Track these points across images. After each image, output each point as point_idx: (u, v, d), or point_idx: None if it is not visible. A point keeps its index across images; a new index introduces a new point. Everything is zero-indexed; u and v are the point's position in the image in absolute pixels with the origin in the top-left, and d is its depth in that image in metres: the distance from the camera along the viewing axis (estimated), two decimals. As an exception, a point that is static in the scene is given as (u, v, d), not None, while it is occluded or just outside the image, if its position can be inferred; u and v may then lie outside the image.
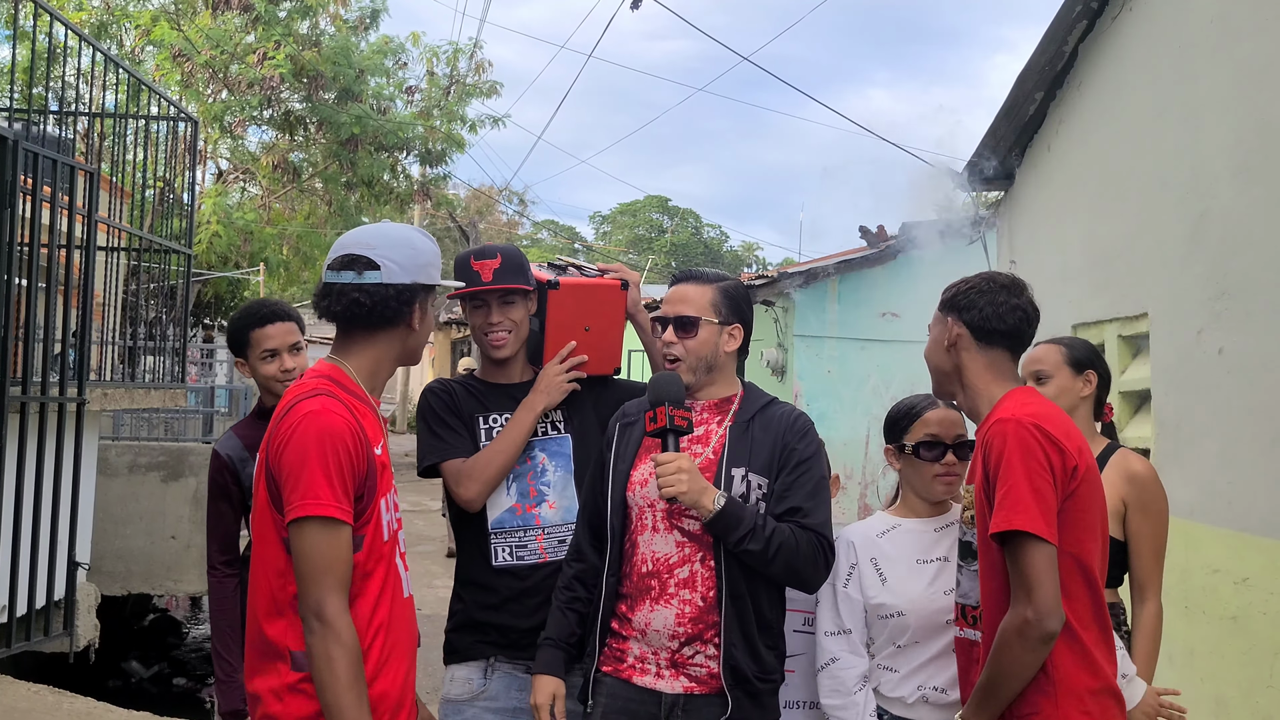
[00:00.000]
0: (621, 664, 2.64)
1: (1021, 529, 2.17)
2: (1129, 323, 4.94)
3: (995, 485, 2.24)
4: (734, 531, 2.53)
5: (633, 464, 2.71)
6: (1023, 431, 2.23)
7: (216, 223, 15.33)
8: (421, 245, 2.34)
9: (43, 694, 5.28)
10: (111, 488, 7.75)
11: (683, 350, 2.69)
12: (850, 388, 11.12)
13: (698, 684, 2.58)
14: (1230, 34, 4.23)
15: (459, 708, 2.91)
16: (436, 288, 2.37)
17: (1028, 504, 2.18)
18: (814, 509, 2.62)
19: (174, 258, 7.28)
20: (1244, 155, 4.09)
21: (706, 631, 2.58)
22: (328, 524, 2.08)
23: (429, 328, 2.40)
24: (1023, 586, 2.18)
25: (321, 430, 2.11)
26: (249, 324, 3.22)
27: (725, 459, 2.63)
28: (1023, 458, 2.21)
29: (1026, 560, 2.18)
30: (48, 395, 5.12)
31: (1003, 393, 2.42)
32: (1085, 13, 5.33)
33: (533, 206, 49.56)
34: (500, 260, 2.90)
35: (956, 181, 6.76)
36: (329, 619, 2.06)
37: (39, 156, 4.98)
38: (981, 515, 2.32)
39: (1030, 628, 2.16)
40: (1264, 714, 3.76)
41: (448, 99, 18.63)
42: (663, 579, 2.61)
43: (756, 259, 53.71)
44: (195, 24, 16.02)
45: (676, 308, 2.72)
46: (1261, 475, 3.87)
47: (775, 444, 2.65)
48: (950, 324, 2.47)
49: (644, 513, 2.66)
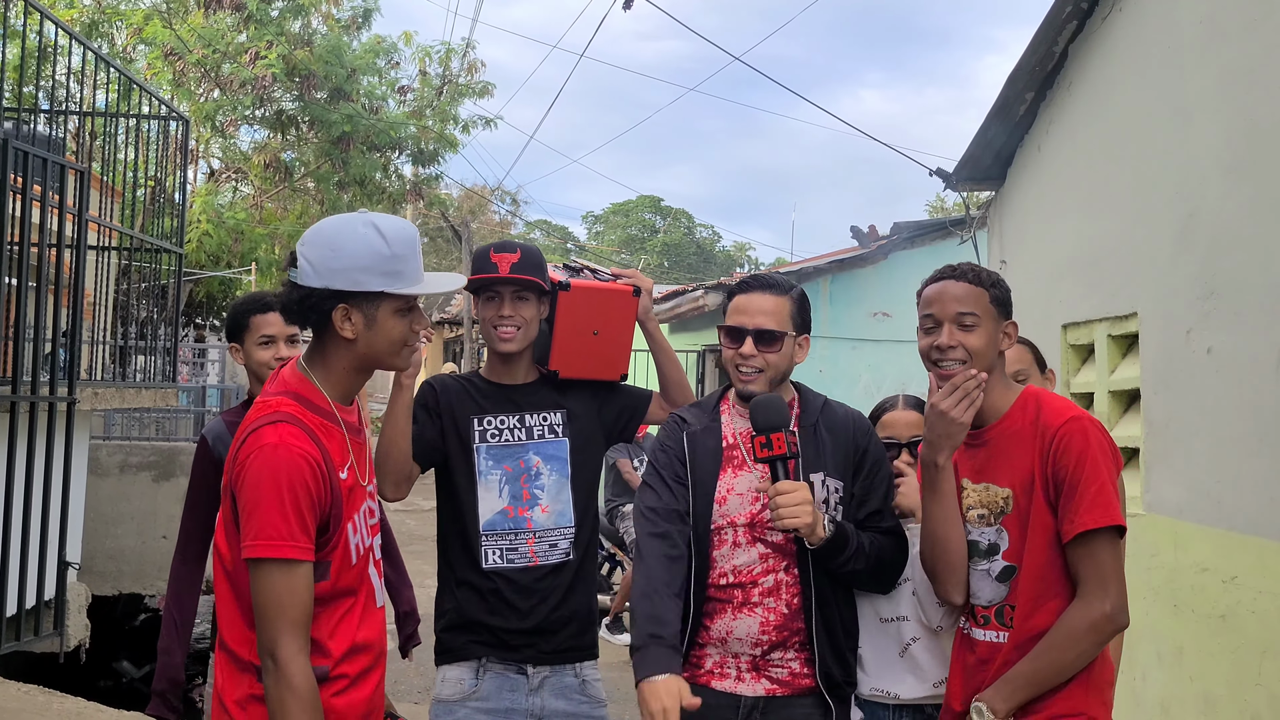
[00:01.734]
0: (699, 670, 2.62)
1: (1118, 523, 2.23)
2: (1118, 322, 4.95)
3: (1072, 483, 2.25)
4: (841, 554, 2.53)
5: (716, 478, 2.65)
6: (1099, 432, 2.29)
7: (207, 222, 15.31)
8: (348, 249, 2.09)
9: (33, 694, 5.26)
10: (102, 487, 7.74)
11: (763, 363, 2.63)
12: (842, 387, 11.12)
13: (780, 686, 2.58)
14: (1219, 35, 4.25)
15: (450, 708, 2.89)
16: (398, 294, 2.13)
17: (1116, 501, 2.24)
18: (889, 510, 2.68)
19: (165, 257, 7.27)
20: (1233, 155, 4.11)
21: (791, 639, 2.58)
22: (283, 565, 2.01)
23: (386, 337, 2.16)
24: (1100, 582, 2.23)
25: (279, 465, 2.02)
26: (251, 309, 3.23)
27: (801, 465, 2.59)
28: (1104, 456, 2.26)
29: (1109, 555, 2.24)
30: (38, 395, 5.11)
31: (1013, 394, 2.44)
32: (1075, 13, 5.34)
33: (525, 206, 49.46)
34: (520, 255, 2.90)
35: (947, 182, 6.77)
36: (282, 662, 2.01)
37: (29, 155, 4.97)
38: (1035, 514, 2.31)
39: (1108, 622, 2.22)
40: (1252, 712, 3.77)
41: (440, 99, 18.62)
42: (746, 589, 2.59)
43: (749, 259, 53.77)
44: (187, 23, 15.98)
45: (756, 320, 2.63)
46: (1250, 474, 3.88)
47: (846, 446, 2.65)
48: (1003, 326, 2.44)
49: (724, 529, 2.61)
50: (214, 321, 19.69)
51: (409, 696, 6.82)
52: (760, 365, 2.63)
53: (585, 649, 2.98)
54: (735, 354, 2.64)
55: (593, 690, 2.96)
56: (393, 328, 2.17)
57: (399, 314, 2.17)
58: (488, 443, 2.94)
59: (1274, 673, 3.69)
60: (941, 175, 6.78)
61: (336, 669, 2.15)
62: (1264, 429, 3.83)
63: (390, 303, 2.15)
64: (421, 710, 6.78)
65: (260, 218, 17.42)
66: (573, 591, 2.94)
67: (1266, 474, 3.79)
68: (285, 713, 2.00)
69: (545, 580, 2.88)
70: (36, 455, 5.08)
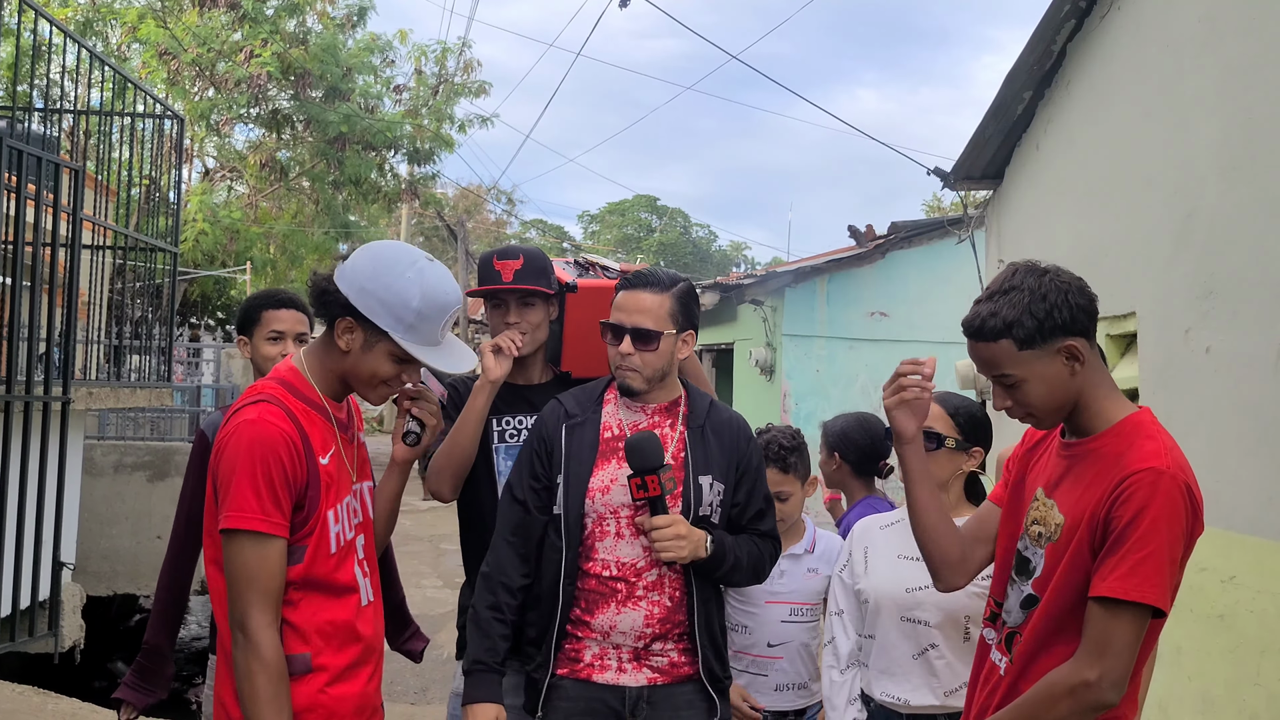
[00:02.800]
0: (578, 664, 2.63)
1: (1152, 604, 1.95)
2: (1117, 322, 4.95)
3: (1120, 537, 1.97)
4: (718, 570, 2.63)
5: (591, 469, 2.65)
6: (1175, 491, 1.98)
7: (202, 221, 15.29)
8: (384, 280, 2.15)
9: (28, 695, 5.25)
10: (97, 487, 7.72)
11: (640, 362, 2.63)
12: (839, 387, 11.13)
13: (660, 674, 2.62)
14: (1217, 33, 4.24)
15: None
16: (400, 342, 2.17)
17: (1163, 578, 1.96)
18: (767, 513, 2.75)
19: (160, 256, 7.25)
20: (1231, 154, 4.10)
21: (673, 630, 2.62)
22: (254, 537, 2.05)
23: (371, 369, 2.21)
24: (1099, 649, 1.97)
25: (253, 439, 2.07)
26: (264, 304, 3.25)
27: (690, 466, 2.64)
28: (1169, 523, 1.96)
29: (1125, 628, 1.96)
30: (32, 394, 5.09)
31: (1119, 409, 2.13)
32: (1074, 12, 5.34)
33: (521, 205, 49.45)
34: (523, 261, 2.90)
35: (945, 181, 6.77)
36: (250, 633, 2.04)
37: (24, 154, 4.95)
38: (1074, 552, 2.06)
39: (1089, 692, 1.96)
40: (1250, 711, 3.77)
41: (436, 98, 18.60)
42: (630, 582, 2.61)
43: (745, 258, 53.81)
44: (182, 21, 15.96)
45: (634, 318, 2.63)
46: (1248, 474, 3.88)
47: (731, 451, 2.69)
48: (1064, 349, 2.08)
49: (605, 519, 2.63)
50: (209, 321, 19.67)
51: (404, 697, 6.81)
52: (637, 364, 2.65)
53: None
54: (615, 352, 2.67)
55: None
56: (380, 365, 2.21)
57: (393, 359, 2.21)
58: (506, 443, 2.96)
59: (1272, 672, 3.69)
60: (939, 174, 6.78)
61: (318, 659, 2.15)
62: (1262, 428, 3.82)
63: (390, 345, 2.19)
64: (419, 710, 6.77)
65: (255, 217, 17.40)
66: None
67: (1265, 473, 3.79)
68: (252, 682, 2.02)
69: None
70: (31, 455, 5.06)
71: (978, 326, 2.11)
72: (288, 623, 2.13)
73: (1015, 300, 2.07)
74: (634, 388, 2.65)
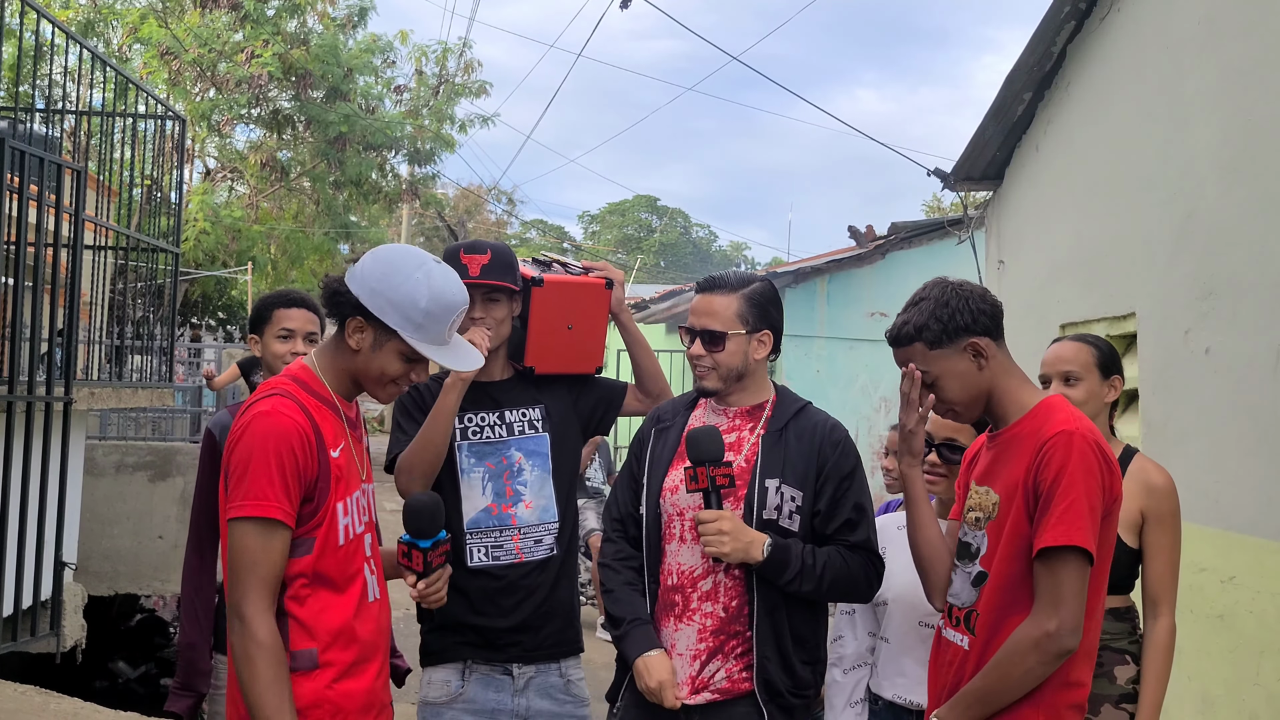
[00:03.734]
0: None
1: (1081, 545, 2.14)
2: (1116, 322, 4.96)
3: (1047, 496, 2.19)
4: (782, 575, 2.55)
5: (666, 470, 2.69)
6: (1086, 448, 2.19)
7: (203, 220, 15.30)
8: (394, 282, 2.21)
9: (29, 695, 5.25)
10: (98, 487, 7.72)
11: (712, 363, 2.66)
12: (839, 387, 11.13)
13: (720, 694, 2.59)
14: (1217, 35, 4.25)
15: (437, 710, 2.90)
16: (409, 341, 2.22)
17: (1086, 521, 2.15)
18: (859, 524, 2.63)
19: (161, 256, 7.25)
20: (1230, 156, 4.11)
21: (729, 643, 2.58)
22: (262, 524, 2.09)
23: (381, 368, 2.26)
24: (1053, 600, 2.16)
25: (267, 430, 2.12)
26: (276, 303, 3.30)
27: (758, 469, 2.61)
28: (1084, 474, 2.17)
29: (1068, 575, 2.16)
30: (34, 395, 5.10)
31: (1032, 396, 2.36)
32: (1074, 13, 5.35)
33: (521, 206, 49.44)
34: (490, 256, 2.89)
35: (945, 182, 6.77)
36: (246, 618, 2.07)
37: (26, 154, 4.96)
38: (1013, 523, 2.26)
39: (1050, 641, 2.15)
40: (1250, 711, 3.78)
41: (436, 98, 18.61)
42: (686, 593, 2.61)
43: (745, 258, 53.81)
44: (183, 22, 15.97)
45: (703, 320, 2.67)
46: (1248, 474, 3.89)
47: (811, 456, 2.63)
48: (969, 346, 2.34)
49: (673, 520, 2.66)
50: (209, 321, 19.68)
51: (406, 697, 6.80)
52: (710, 364, 2.68)
53: (569, 644, 2.99)
54: (688, 353, 2.72)
55: (576, 690, 2.98)
56: (390, 364, 2.27)
57: (402, 357, 2.26)
58: (469, 440, 2.94)
59: (1272, 672, 3.70)
60: (939, 175, 6.78)
61: (325, 654, 2.16)
62: (1262, 429, 3.83)
63: (399, 344, 2.24)
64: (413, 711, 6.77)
65: (256, 217, 17.41)
66: (557, 586, 2.95)
67: (1264, 474, 3.79)
68: (252, 665, 2.05)
69: (530, 576, 2.89)
70: (33, 455, 5.07)
71: (895, 334, 2.43)
72: (295, 618, 2.15)
73: (923, 308, 2.38)
74: (708, 388, 2.69)
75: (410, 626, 2.79)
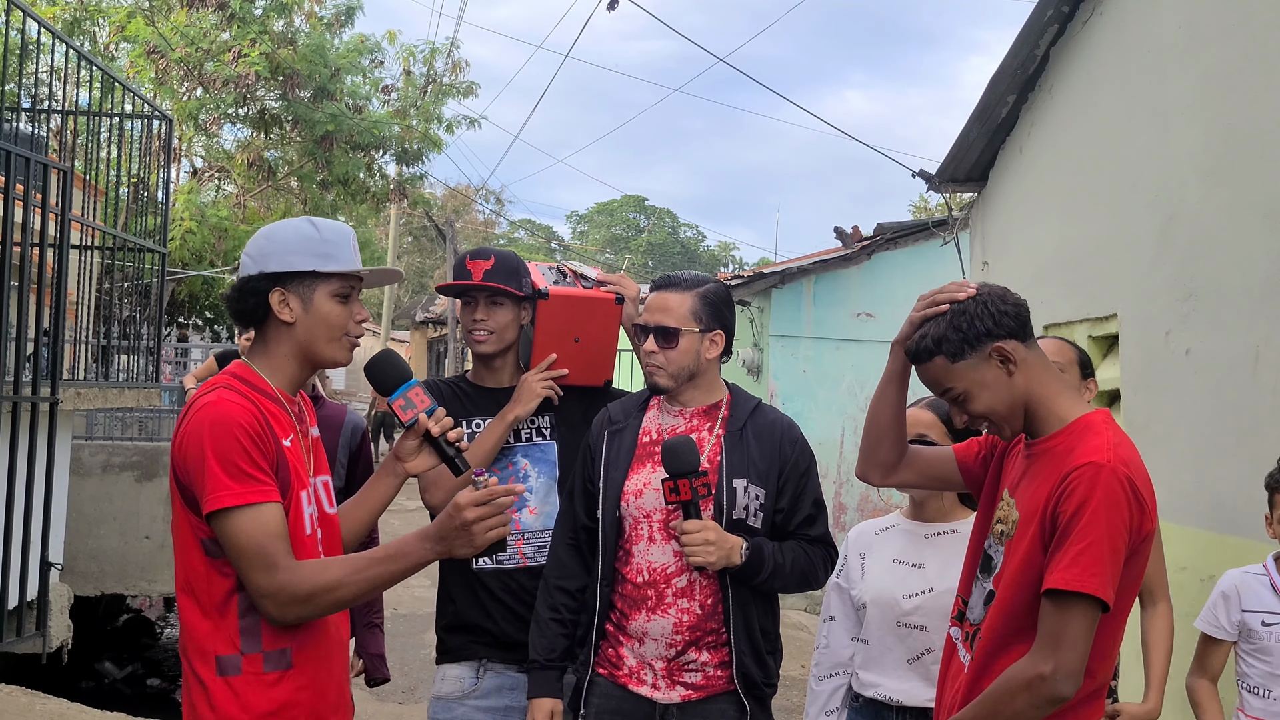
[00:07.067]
0: (618, 670, 2.68)
1: (1093, 594, 1.99)
2: (1099, 323, 5.00)
3: (1064, 531, 2.03)
4: (757, 576, 2.61)
5: (626, 474, 2.72)
6: (1115, 483, 2.02)
7: (190, 220, 15.24)
8: (280, 235, 2.20)
9: (15, 695, 5.25)
10: (85, 488, 7.71)
11: (664, 360, 2.70)
12: (825, 387, 11.16)
13: (694, 690, 2.63)
14: (1198, 39, 4.29)
15: (449, 705, 2.93)
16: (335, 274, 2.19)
17: (1104, 567, 1.99)
18: (818, 518, 2.73)
19: (148, 256, 7.25)
20: (1211, 159, 4.15)
21: (705, 638, 2.63)
22: (247, 510, 2.01)
23: (325, 321, 2.21)
24: (1053, 643, 2.01)
25: (215, 418, 2.04)
26: None
27: (725, 470, 2.65)
28: (1108, 513, 2.01)
29: (1074, 620, 2.00)
30: (20, 395, 5.09)
31: (1071, 408, 2.19)
32: (1056, 16, 5.38)
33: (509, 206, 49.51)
34: (494, 262, 2.96)
35: (929, 183, 6.81)
36: (291, 588, 2.02)
37: (11, 154, 4.95)
38: (1027, 549, 2.11)
39: (1044, 684, 2.01)
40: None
41: (424, 98, 18.58)
42: (659, 589, 2.64)
43: (733, 259, 53.84)
44: (170, 21, 15.90)
45: (657, 317, 2.71)
46: (1228, 474, 3.93)
47: (772, 454, 2.69)
48: (994, 352, 2.17)
49: (639, 523, 2.68)
50: (196, 320, 19.60)
51: (392, 696, 6.82)
52: (660, 362, 2.71)
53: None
54: (641, 351, 2.75)
55: None
56: (330, 312, 2.20)
57: (336, 299, 2.21)
58: None
59: (1251, 670, 3.73)
60: (924, 177, 6.82)
61: (300, 651, 2.11)
62: (1241, 429, 3.87)
63: (325, 286, 2.20)
64: (405, 710, 6.78)
65: (244, 216, 17.33)
66: None
67: (1244, 474, 3.83)
68: (333, 594, 2.05)
69: (535, 581, 2.91)
70: (19, 455, 5.06)
71: (914, 352, 2.24)
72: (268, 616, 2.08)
73: (939, 320, 2.20)
74: (660, 385, 2.72)
75: (399, 626, 2.81)
